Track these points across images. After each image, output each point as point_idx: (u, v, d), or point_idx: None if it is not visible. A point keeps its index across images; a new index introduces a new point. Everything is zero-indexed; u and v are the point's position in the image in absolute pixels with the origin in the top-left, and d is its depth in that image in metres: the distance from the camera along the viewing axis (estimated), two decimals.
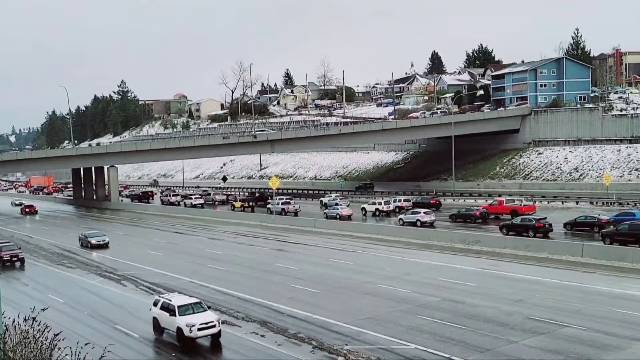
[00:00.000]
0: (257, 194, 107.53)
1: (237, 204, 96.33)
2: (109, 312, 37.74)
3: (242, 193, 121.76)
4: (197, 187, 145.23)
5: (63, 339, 21.20)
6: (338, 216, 76.74)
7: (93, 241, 65.12)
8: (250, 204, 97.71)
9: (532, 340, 28.67)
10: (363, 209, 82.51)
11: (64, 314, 36.86)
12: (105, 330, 33.63)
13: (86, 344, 20.59)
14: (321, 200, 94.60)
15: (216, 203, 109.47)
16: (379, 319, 33.14)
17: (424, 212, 68.69)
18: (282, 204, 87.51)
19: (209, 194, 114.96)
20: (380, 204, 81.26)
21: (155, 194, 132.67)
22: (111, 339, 30.54)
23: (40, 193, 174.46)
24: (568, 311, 32.99)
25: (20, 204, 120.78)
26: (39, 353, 20.51)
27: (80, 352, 19.43)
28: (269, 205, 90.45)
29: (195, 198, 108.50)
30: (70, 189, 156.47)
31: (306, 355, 28.23)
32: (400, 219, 69.74)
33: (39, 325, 21.30)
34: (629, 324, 30.46)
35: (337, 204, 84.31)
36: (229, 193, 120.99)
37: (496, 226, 61.98)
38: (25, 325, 21.70)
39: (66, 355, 21.08)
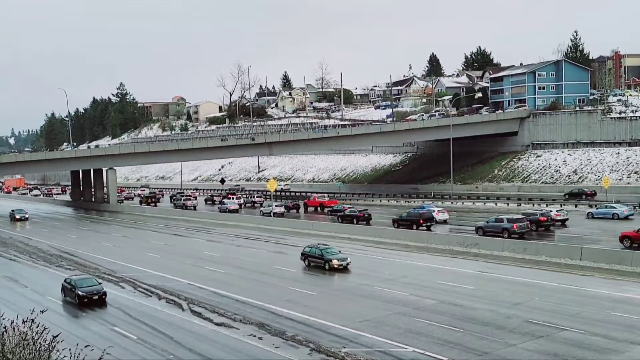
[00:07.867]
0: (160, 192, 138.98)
1: (144, 200, 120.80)
2: (107, 314, 37.72)
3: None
4: (195, 189, 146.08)
5: (61, 341, 21.20)
6: (227, 210, 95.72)
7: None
8: (154, 199, 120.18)
9: (531, 344, 28.67)
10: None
11: (62, 316, 36.86)
12: (104, 332, 33.60)
13: (86, 346, 20.60)
14: (221, 200, 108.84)
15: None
16: (377, 322, 33.14)
17: (275, 205, 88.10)
18: (184, 199, 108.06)
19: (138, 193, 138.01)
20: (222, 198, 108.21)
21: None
22: (109, 341, 30.51)
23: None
24: (567, 314, 33.01)
25: None
26: (38, 354, 20.50)
27: (79, 354, 19.41)
28: (174, 201, 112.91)
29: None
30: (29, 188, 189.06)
31: (304, 358, 28.20)
32: (261, 210, 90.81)
33: (37, 327, 21.29)
34: (628, 327, 30.49)
35: (221, 202, 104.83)
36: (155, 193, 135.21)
37: (311, 214, 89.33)
38: (24, 327, 21.68)
39: (64, 357, 21.05)
